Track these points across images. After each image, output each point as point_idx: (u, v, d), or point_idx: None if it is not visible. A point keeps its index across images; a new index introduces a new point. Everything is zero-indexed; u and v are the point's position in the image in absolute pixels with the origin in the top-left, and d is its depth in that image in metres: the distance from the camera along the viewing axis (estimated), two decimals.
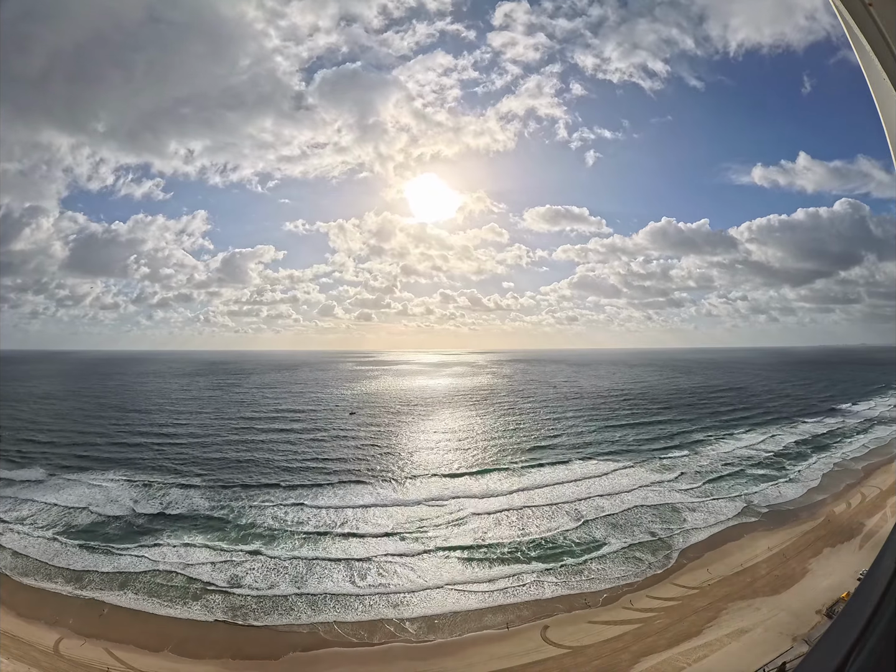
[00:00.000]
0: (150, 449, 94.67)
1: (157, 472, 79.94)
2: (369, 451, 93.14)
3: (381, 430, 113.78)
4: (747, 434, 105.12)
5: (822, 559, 49.37)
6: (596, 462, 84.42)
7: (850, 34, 5.27)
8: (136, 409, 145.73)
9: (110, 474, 78.25)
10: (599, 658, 37.13)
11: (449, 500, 67.10)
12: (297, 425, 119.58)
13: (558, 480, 74.82)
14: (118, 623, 41.52)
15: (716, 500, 67.38)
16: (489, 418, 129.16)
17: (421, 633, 40.88)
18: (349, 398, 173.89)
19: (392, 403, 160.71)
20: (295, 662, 37.70)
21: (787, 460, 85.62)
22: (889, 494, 66.04)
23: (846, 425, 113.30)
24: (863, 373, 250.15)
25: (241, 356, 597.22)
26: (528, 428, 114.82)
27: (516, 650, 38.22)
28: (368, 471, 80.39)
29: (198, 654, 38.15)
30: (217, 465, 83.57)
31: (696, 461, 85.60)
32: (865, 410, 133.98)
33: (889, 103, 5.23)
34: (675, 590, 46.07)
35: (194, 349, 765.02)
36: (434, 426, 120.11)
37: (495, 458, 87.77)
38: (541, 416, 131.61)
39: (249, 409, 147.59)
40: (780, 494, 69.45)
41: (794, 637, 36.62)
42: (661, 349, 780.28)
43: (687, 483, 74.44)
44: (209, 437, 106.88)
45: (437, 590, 46.45)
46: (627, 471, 79.71)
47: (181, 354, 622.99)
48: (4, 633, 38.48)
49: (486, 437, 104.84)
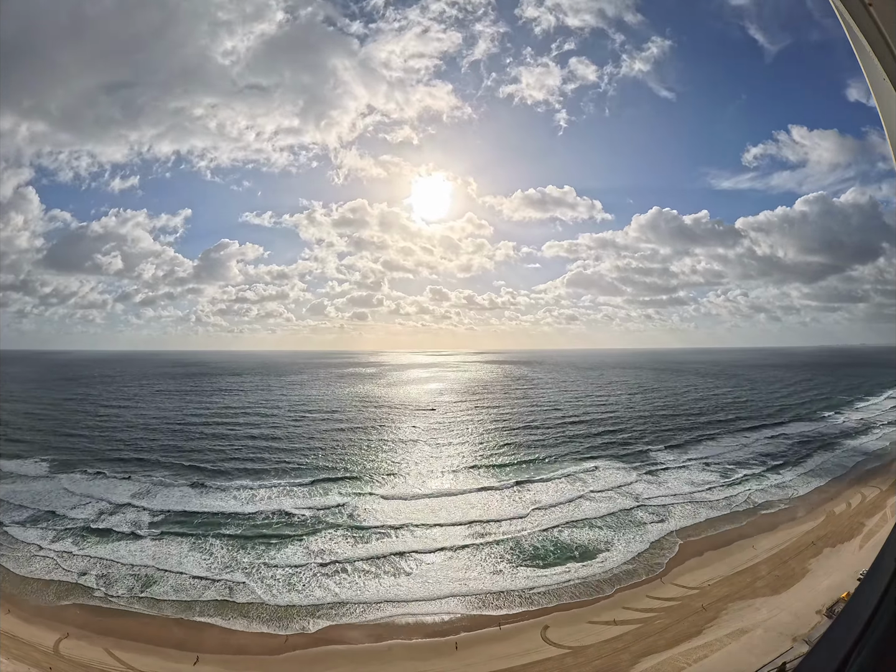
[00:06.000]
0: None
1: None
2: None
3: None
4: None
5: (822, 559, 49.36)
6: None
7: (850, 34, 5.27)
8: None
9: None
10: (599, 658, 37.12)
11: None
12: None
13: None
14: (118, 623, 41.61)
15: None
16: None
17: (421, 633, 40.91)
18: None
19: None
20: (295, 661, 37.72)
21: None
22: (889, 494, 66.06)
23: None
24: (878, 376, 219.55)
25: (216, 357, 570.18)
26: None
27: (516, 650, 38.21)
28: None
29: (198, 654, 38.19)
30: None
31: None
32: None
33: (889, 103, 5.23)
34: (675, 590, 46.06)
35: (191, 349, 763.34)
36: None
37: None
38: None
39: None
40: (780, 494, 69.54)
41: (794, 637, 36.59)
42: (659, 349, 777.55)
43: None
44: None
45: (438, 590, 46.50)
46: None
47: (165, 356, 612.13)
48: (4, 633, 38.49)
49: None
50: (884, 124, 5.47)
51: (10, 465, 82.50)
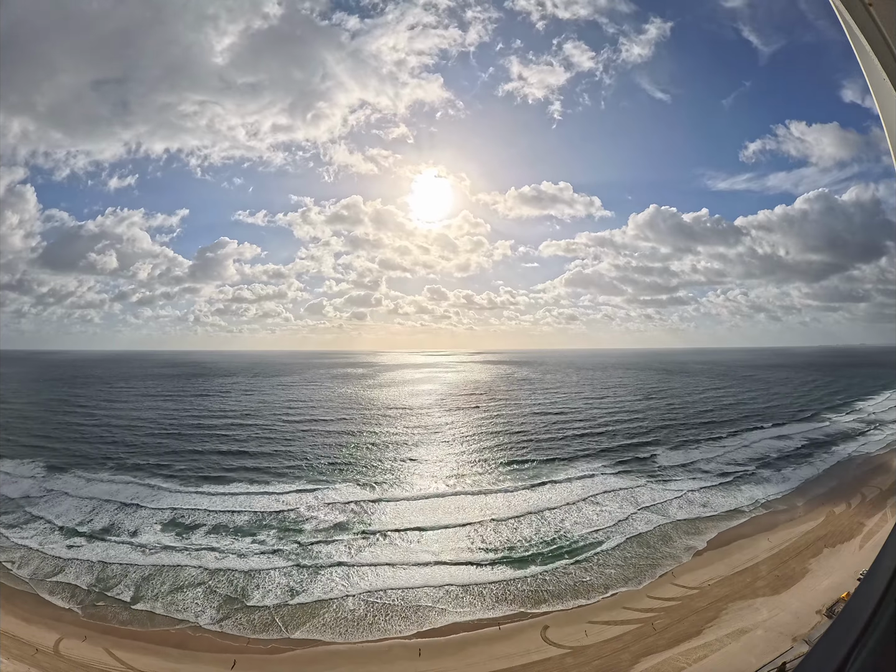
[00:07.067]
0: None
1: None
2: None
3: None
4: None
5: (822, 559, 49.36)
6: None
7: (850, 34, 5.27)
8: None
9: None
10: (599, 658, 37.13)
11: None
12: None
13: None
14: (118, 623, 41.62)
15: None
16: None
17: (421, 633, 40.90)
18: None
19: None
20: (295, 661, 37.72)
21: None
22: (889, 494, 66.08)
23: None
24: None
25: (211, 357, 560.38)
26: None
27: (516, 650, 38.21)
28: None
29: (198, 653, 38.21)
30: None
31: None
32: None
33: (889, 103, 5.23)
34: (675, 590, 46.06)
35: (192, 349, 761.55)
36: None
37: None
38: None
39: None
40: (780, 494, 69.58)
41: (794, 637, 36.59)
42: (660, 349, 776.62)
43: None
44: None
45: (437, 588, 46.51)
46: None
47: (160, 356, 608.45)
48: (4, 633, 38.50)
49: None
50: (884, 124, 5.47)
51: (5, 466, 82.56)
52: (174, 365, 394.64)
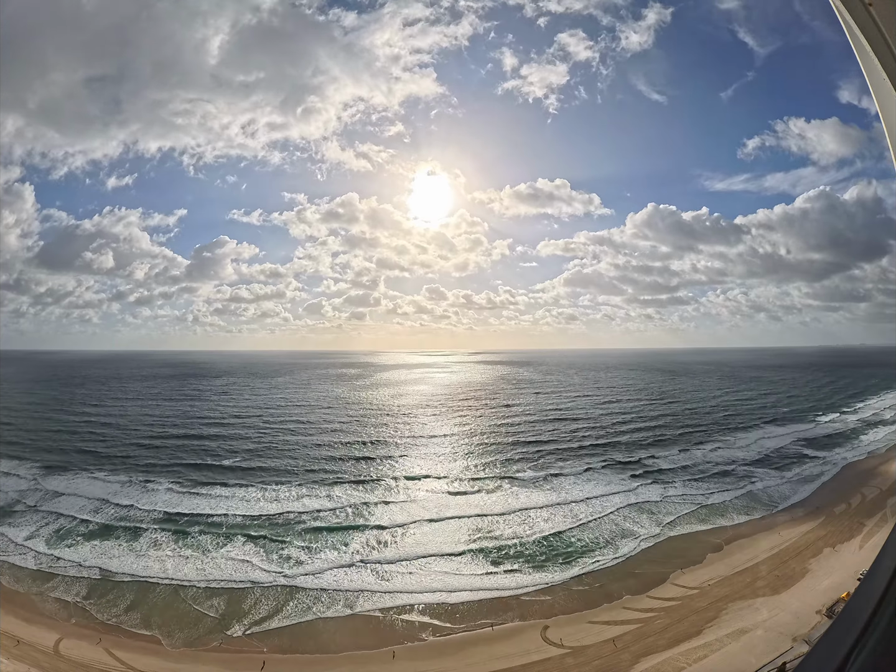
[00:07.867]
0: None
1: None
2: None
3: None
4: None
5: (822, 559, 49.34)
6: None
7: (850, 34, 5.27)
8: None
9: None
10: (599, 658, 37.11)
11: None
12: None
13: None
14: (118, 623, 41.63)
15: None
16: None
17: (421, 633, 40.90)
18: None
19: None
20: (295, 662, 37.71)
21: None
22: (889, 494, 66.07)
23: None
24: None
25: (209, 357, 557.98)
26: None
27: (516, 650, 38.18)
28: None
29: (198, 653, 38.22)
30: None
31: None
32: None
33: (889, 103, 5.23)
34: (675, 590, 46.06)
35: (192, 349, 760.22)
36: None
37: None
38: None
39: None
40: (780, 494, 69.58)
41: (794, 637, 36.57)
42: (661, 349, 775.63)
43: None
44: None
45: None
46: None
47: (159, 356, 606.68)
48: (4, 633, 38.49)
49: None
50: (884, 124, 5.47)
51: (2, 466, 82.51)
52: (174, 365, 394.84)
